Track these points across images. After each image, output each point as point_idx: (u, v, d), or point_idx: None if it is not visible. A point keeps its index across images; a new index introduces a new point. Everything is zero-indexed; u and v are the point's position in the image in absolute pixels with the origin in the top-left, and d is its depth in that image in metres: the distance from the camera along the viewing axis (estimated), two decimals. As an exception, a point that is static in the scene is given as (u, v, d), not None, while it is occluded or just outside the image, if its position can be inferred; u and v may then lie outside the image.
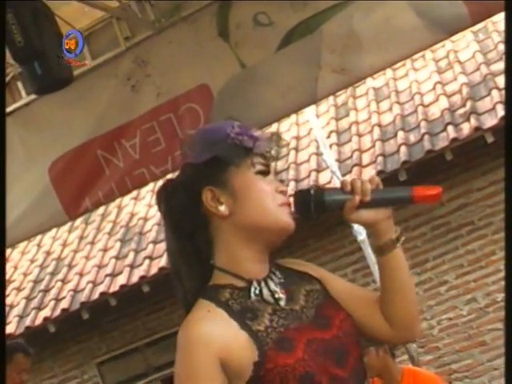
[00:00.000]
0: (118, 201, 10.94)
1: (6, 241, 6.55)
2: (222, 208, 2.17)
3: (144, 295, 10.54)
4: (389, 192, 2.28)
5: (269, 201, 2.19)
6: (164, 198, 2.26)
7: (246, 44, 5.56)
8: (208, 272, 2.21)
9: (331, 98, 10.90)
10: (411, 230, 9.93)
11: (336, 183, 9.28)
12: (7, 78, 6.20)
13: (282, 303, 2.19)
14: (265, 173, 2.23)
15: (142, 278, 10.40)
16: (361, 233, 8.93)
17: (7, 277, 12.53)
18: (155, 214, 11.58)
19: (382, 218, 2.25)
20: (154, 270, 10.35)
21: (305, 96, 5.66)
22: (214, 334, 2.08)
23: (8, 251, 12.27)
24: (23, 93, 6.21)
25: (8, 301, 11.83)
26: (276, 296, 2.19)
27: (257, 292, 2.18)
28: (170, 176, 2.23)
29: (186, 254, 2.22)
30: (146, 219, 11.67)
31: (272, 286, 2.21)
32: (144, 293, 10.51)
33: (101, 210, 11.83)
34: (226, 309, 2.13)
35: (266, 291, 2.19)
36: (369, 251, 9.12)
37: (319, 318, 2.20)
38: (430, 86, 10.71)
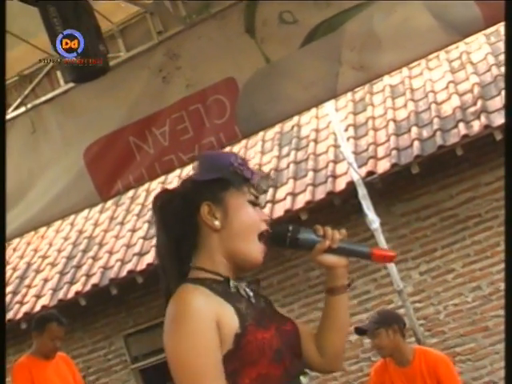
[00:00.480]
0: (146, 185, 10.92)
1: (43, 219, 6.59)
2: (217, 222, 2.33)
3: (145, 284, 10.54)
4: (352, 245, 2.46)
5: (253, 230, 2.36)
6: (160, 204, 2.41)
7: (271, 40, 5.56)
8: (184, 271, 2.35)
9: (349, 94, 10.83)
10: (421, 221, 9.90)
11: (352, 174, 9.28)
12: (47, 68, 6.23)
13: (253, 300, 2.36)
14: (255, 204, 2.40)
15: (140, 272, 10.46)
16: (375, 221, 8.93)
17: (42, 253, 12.60)
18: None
19: (341, 264, 2.43)
20: (178, 251, 10.35)
21: (325, 91, 5.65)
22: (207, 301, 2.21)
23: (43, 229, 12.33)
24: (62, 81, 6.22)
25: (43, 275, 11.89)
26: (248, 293, 2.37)
27: (235, 285, 2.34)
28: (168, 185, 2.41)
29: (171, 252, 2.36)
30: (172, 203, 11.68)
31: (243, 286, 2.38)
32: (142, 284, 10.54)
33: (130, 193, 11.83)
34: (209, 288, 2.26)
35: (240, 288, 2.35)
36: (381, 239, 9.10)
37: (278, 317, 2.41)
38: (444, 84, 10.64)
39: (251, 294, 2.37)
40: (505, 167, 2.65)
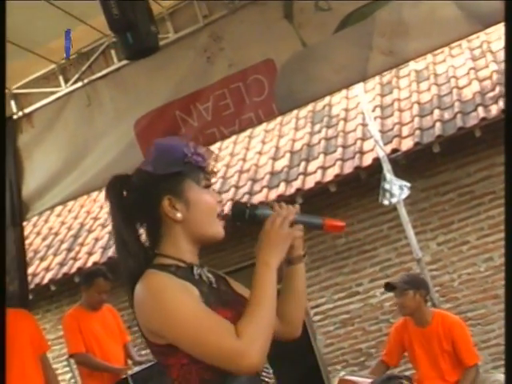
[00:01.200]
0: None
1: (96, 184, 6.62)
2: (178, 214, 2.27)
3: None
4: (306, 217, 2.40)
5: (212, 214, 2.32)
6: (118, 195, 2.35)
7: (308, 26, 5.53)
8: (148, 257, 2.29)
9: (377, 77, 10.74)
10: (440, 196, 9.84)
11: (378, 151, 9.23)
12: (103, 47, 6.25)
13: (214, 285, 2.32)
14: (209, 186, 2.35)
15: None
16: (399, 195, 8.89)
17: (94, 215, 12.69)
18: (220, 169, 11.59)
19: (297, 235, 2.37)
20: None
21: (356, 74, 5.62)
22: (173, 279, 2.18)
23: (96, 193, 12.40)
24: (115, 59, 6.25)
25: (94, 234, 11.99)
26: (210, 279, 2.32)
27: (198, 272, 2.29)
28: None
29: (132, 240, 2.30)
30: (212, 173, 11.68)
31: (205, 272, 2.33)
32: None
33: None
34: (173, 274, 2.21)
35: (203, 274, 2.31)
36: (403, 212, 9.07)
37: (237, 299, 2.33)
38: (465, 71, 10.54)
39: (213, 279, 2.33)
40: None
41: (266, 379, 2.26)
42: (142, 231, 2.34)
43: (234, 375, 2.15)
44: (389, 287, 6.23)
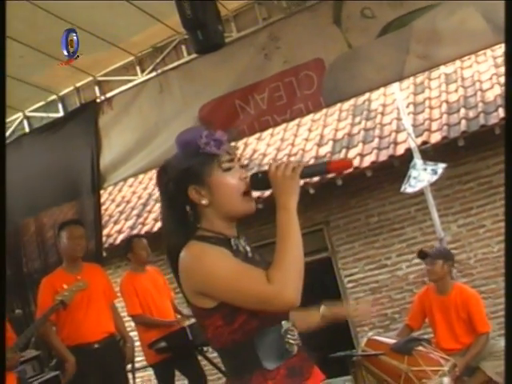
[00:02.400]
0: (244, 139, 10.97)
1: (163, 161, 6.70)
2: (204, 201, 2.22)
3: (259, 211, 10.53)
4: (312, 167, 2.30)
5: (236, 194, 2.23)
6: (162, 183, 2.31)
7: (354, 30, 5.52)
8: (191, 232, 2.24)
9: (412, 78, 10.66)
10: (462, 184, 9.75)
11: (410, 142, 9.17)
12: (175, 42, 6.31)
13: (250, 255, 2.28)
14: (230, 168, 2.25)
15: (258, 198, 10.45)
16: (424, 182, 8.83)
17: (151, 190, 12.75)
18: (271, 152, 11.61)
19: None
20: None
21: (394, 74, 5.59)
22: (215, 247, 2.17)
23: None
24: (185, 53, 6.30)
25: (148, 208, 12.05)
26: (246, 249, 2.28)
27: (235, 243, 2.25)
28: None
29: (176, 219, 2.26)
30: (264, 155, 11.69)
31: (242, 243, 2.29)
32: (260, 210, 10.53)
33: (232, 143, 11.85)
34: (216, 244, 2.18)
35: (240, 245, 2.27)
36: (429, 196, 9.01)
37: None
38: (488, 76, 10.39)
39: (248, 249, 2.31)
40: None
41: (291, 341, 2.23)
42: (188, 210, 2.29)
43: (261, 336, 2.16)
44: (422, 254, 6.20)
